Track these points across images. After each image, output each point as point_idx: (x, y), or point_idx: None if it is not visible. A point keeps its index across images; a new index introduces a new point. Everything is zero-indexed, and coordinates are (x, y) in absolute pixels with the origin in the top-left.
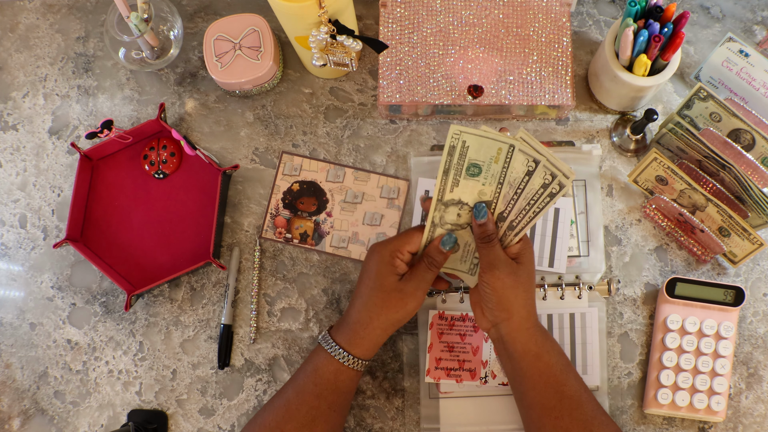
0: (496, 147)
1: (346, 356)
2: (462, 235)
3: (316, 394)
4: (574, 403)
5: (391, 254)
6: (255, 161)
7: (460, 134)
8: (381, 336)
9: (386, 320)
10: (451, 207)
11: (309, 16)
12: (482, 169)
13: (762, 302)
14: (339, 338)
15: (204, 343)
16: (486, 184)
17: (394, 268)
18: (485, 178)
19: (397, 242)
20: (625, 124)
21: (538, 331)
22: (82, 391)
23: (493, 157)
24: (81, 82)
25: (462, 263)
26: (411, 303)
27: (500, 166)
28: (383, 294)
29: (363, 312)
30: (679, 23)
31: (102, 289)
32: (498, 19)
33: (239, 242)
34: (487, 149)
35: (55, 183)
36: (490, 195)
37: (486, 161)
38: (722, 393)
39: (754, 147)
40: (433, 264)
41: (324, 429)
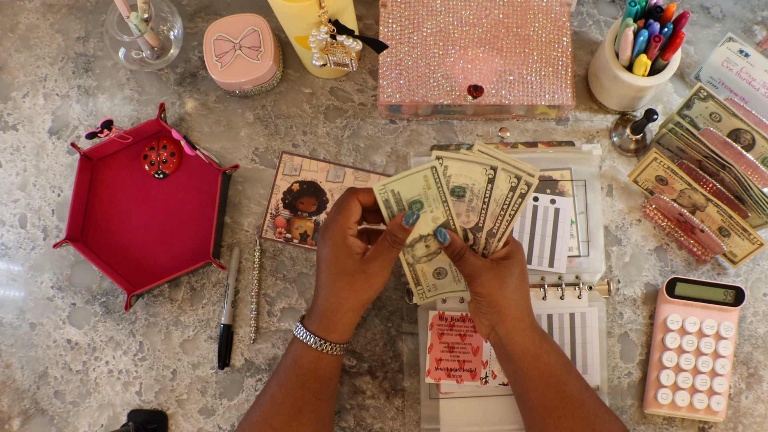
0: (420, 177)
1: (323, 343)
2: (440, 259)
3: (299, 384)
4: (576, 402)
5: (342, 235)
6: (255, 161)
7: (384, 187)
8: (354, 318)
9: (356, 302)
10: (417, 244)
11: (309, 16)
12: (422, 202)
13: (762, 302)
14: (313, 327)
15: (204, 343)
16: (434, 210)
17: (350, 248)
18: (429, 206)
19: (341, 219)
20: (625, 124)
21: (535, 331)
22: (82, 391)
23: (424, 186)
24: (81, 82)
25: (457, 284)
26: (377, 281)
27: (435, 189)
28: (348, 277)
29: (331, 299)
30: (679, 23)
31: (102, 289)
32: (498, 19)
33: (239, 242)
34: (414, 184)
35: (55, 183)
36: (444, 216)
37: (421, 193)
38: (722, 393)
39: (754, 147)
40: (396, 241)
41: (311, 418)
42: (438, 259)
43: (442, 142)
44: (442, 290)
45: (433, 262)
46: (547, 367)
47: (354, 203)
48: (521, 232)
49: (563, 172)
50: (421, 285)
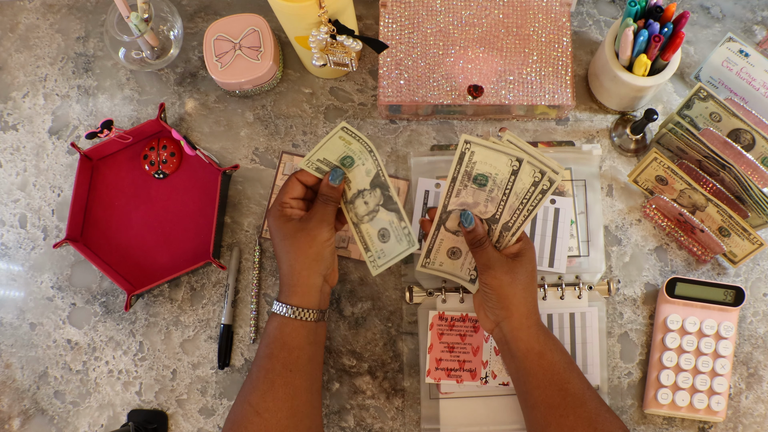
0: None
1: (286, 308)
2: (381, 218)
3: (268, 354)
4: (577, 401)
5: (279, 208)
6: (255, 161)
7: (309, 161)
8: (309, 277)
9: (305, 259)
10: (357, 200)
11: (309, 16)
12: (352, 157)
13: (762, 302)
14: (280, 298)
15: (204, 343)
16: (365, 162)
17: (287, 217)
18: (359, 159)
19: (279, 196)
20: (625, 124)
21: (540, 329)
22: (82, 391)
23: (345, 144)
24: (81, 82)
25: (399, 243)
26: (319, 235)
27: (356, 144)
28: (290, 239)
29: (284, 265)
30: (679, 23)
31: (102, 289)
32: (498, 19)
33: (239, 242)
34: (335, 147)
35: (55, 183)
36: (374, 166)
37: (345, 150)
38: (722, 393)
39: (754, 147)
40: (329, 199)
41: (286, 392)
42: (378, 218)
43: (442, 142)
44: (390, 255)
45: (375, 222)
46: (551, 365)
47: (292, 181)
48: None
49: (563, 172)
50: (370, 250)
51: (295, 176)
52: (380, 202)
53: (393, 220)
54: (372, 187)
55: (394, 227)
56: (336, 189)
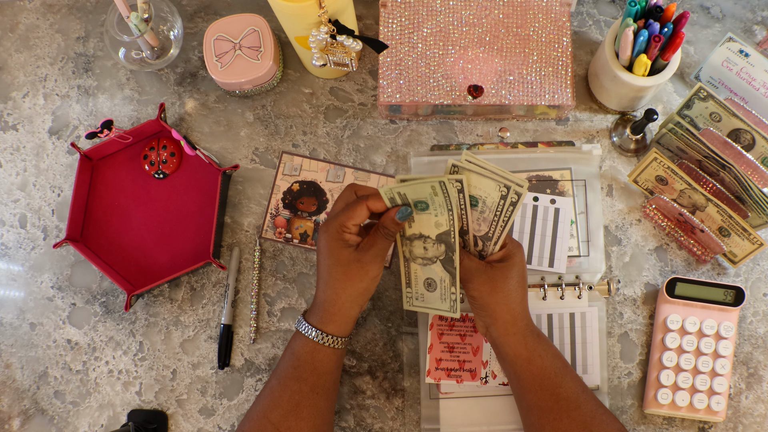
0: (428, 186)
1: (320, 334)
2: (434, 270)
3: (296, 377)
4: (571, 405)
5: (338, 230)
6: (255, 161)
7: (390, 190)
8: (351, 308)
9: (353, 292)
10: (416, 241)
11: (309, 16)
12: (428, 203)
13: (762, 302)
14: (312, 319)
15: (204, 343)
16: (438, 216)
17: (345, 242)
18: (434, 209)
19: (342, 218)
20: (625, 124)
21: (529, 334)
22: (82, 391)
23: (431, 193)
24: (81, 82)
25: (442, 302)
26: (372, 270)
27: (441, 197)
28: (342, 267)
29: (328, 290)
30: (679, 23)
31: (102, 289)
32: (498, 19)
33: (239, 242)
34: (421, 191)
35: (55, 183)
36: (447, 224)
37: (427, 197)
38: (722, 393)
39: (754, 147)
40: (389, 234)
41: (310, 413)
42: (431, 268)
43: (442, 142)
44: (428, 304)
45: (426, 269)
46: (540, 370)
47: (361, 208)
48: (521, 232)
49: (563, 172)
50: (411, 288)
51: (365, 203)
52: (440, 257)
53: (445, 279)
54: (437, 240)
55: (443, 285)
56: (399, 226)
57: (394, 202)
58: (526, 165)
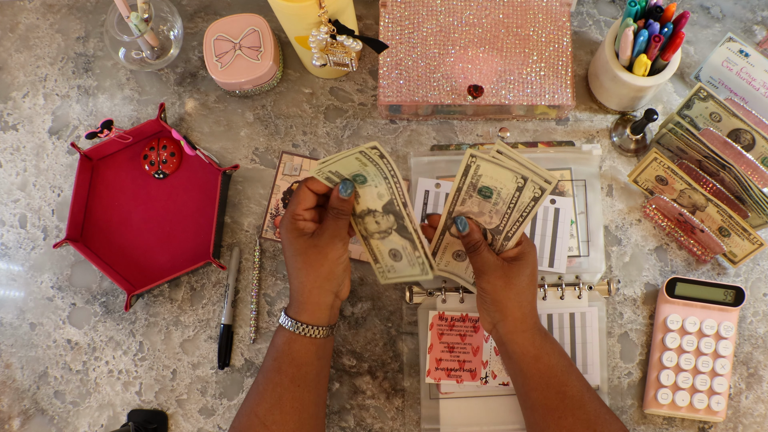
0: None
1: (295, 324)
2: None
3: (276, 368)
4: (576, 403)
5: (291, 220)
6: (255, 161)
7: (320, 170)
8: (320, 295)
9: (316, 277)
10: (366, 217)
11: (309, 16)
12: (364, 176)
13: (762, 302)
14: (289, 311)
15: (204, 343)
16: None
17: (300, 231)
18: (372, 181)
19: (292, 207)
20: (625, 124)
21: (537, 332)
22: (82, 391)
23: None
24: (81, 82)
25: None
26: (331, 252)
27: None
28: (301, 256)
29: (294, 280)
30: (679, 23)
31: (102, 289)
32: (498, 19)
33: (239, 242)
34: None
35: (55, 183)
36: (388, 193)
37: (360, 169)
38: (722, 393)
39: (754, 147)
40: (340, 213)
41: (293, 407)
42: (390, 239)
43: (442, 142)
44: (400, 273)
45: (386, 242)
46: (547, 368)
47: (303, 191)
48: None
49: (563, 172)
50: (380, 263)
51: (305, 185)
52: (393, 227)
53: (406, 246)
54: (385, 211)
55: (407, 252)
56: (347, 201)
57: (332, 181)
58: None
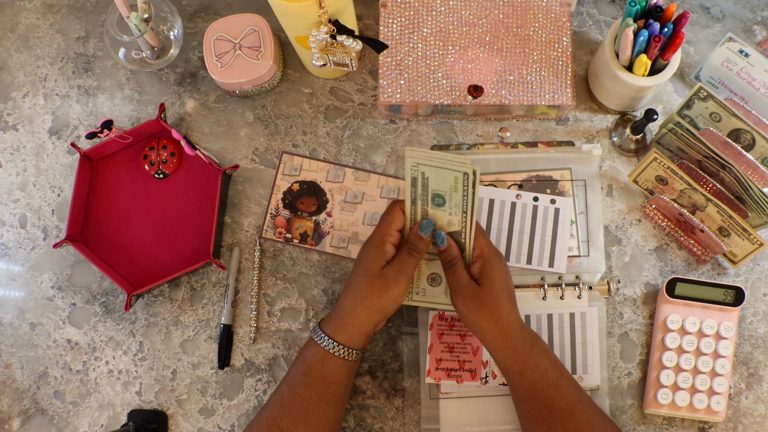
0: (452, 176)
1: (332, 343)
2: (440, 265)
3: (306, 384)
4: (566, 415)
5: (381, 239)
6: (255, 161)
7: (417, 165)
8: (365, 323)
9: (371, 305)
10: None
11: (309, 16)
12: (445, 199)
13: (762, 302)
14: (326, 327)
15: (204, 343)
16: (451, 214)
17: (384, 253)
18: (449, 207)
19: (383, 225)
20: (625, 124)
21: (520, 346)
22: (82, 391)
23: (452, 187)
24: (81, 82)
25: (445, 296)
26: (395, 288)
27: (460, 194)
28: (368, 279)
29: (349, 298)
30: (679, 23)
31: (102, 289)
32: (498, 19)
33: (239, 242)
34: (444, 179)
35: (55, 183)
36: (459, 225)
37: (447, 191)
38: (722, 393)
39: (754, 147)
40: (414, 250)
41: (318, 422)
42: (437, 263)
43: (442, 142)
44: (429, 299)
45: (432, 264)
46: (532, 383)
47: (397, 211)
48: (521, 232)
49: (563, 172)
50: (413, 283)
51: (398, 205)
52: None
53: None
54: None
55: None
56: (424, 240)
57: (415, 183)
58: (526, 165)
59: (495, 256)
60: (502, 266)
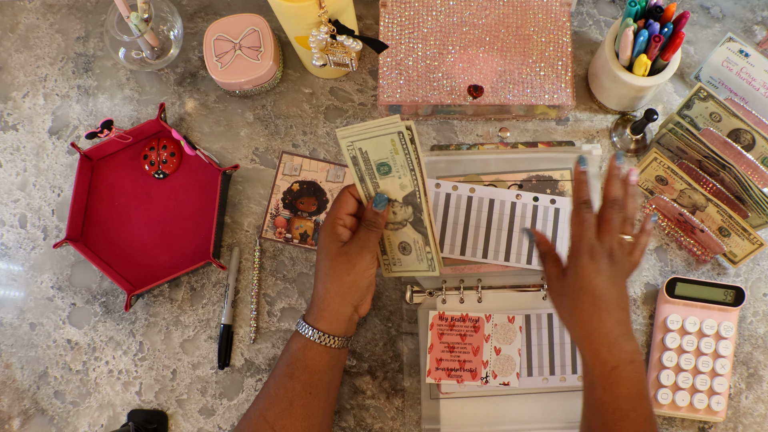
0: (388, 140)
1: (312, 331)
2: (406, 233)
3: (289, 374)
4: None
5: (332, 224)
6: (255, 161)
7: (351, 144)
8: (341, 305)
9: (340, 286)
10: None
11: (309, 16)
12: (390, 165)
13: (762, 302)
14: (307, 318)
15: (204, 343)
16: (401, 177)
17: (338, 236)
18: (396, 171)
19: (333, 211)
20: (625, 124)
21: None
22: (82, 391)
23: (392, 150)
24: (81, 82)
25: (419, 263)
26: (359, 264)
27: (402, 155)
28: (330, 262)
29: (319, 285)
30: (679, 23)
31: (102, 289)
32: (498, 19)
33: (239, 242)
34: (381, 146)
35: (55, 183)
36: (411, 185)
37: (389, 157)
38: (722, 393)
39: (754, 147)
40: (372, 225)
41: (303, 413)
42: (403, 232)
43: (442, 142)
44: (407, 267)
45: (398, 233)
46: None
47: (345, 196)
48: (521, 232)
49: (563, 172)
50: (387, 255)
51: (347, 190)
52: (409, 219)
53: (418, 240)
54: (404, 202)
55: (417, 247)
56: (380, 215)
57: (356, 161)
58: (526, 165)
59: (585, 253)
60: (592, 265)
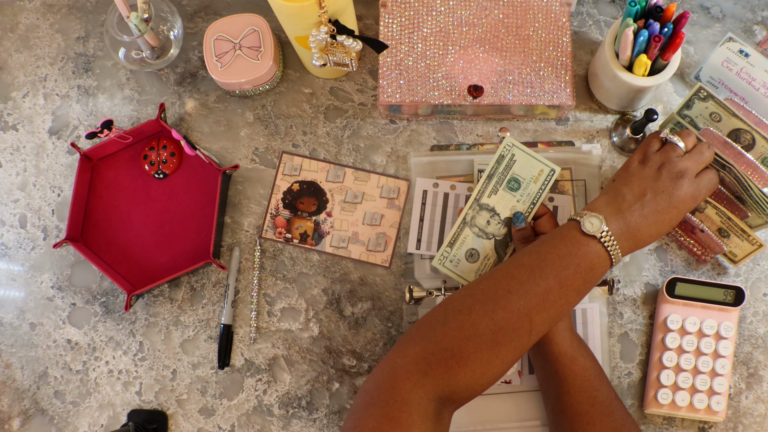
0: (538, 168)
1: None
2: (485, 245)
3: (578, 290)
4: (605, 410)
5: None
6: (255, 161)
7: (512, 145)
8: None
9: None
10: (484, 211)
11: (309, 16)
12: (521, 185)
13: (762, 302)
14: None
15: (204, 343)
16: (520, 200)
17: None
18: (521, 194)
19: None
20: (625, 124)
21: (573, 334)
22: (82, 391)
23: (533, 177)
24: (81, 82)
25: (473, 275)
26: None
27: (537, 187)
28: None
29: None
30: (679, 23)
31: (102, 289)
32: (498, 19)
33: (239, 242)
34: (529, 168)
35: (55, 183)
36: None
37: (526, 179)
38: (722, 393)
39: (754, 147)
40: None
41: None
42: (483, 242)
43: (442, 142)
44: (458, 271)
45: (476, 241)
46: (582, 371)
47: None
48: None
49: (563, 172)
50: (451, 249)
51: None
52: (498, 237)
53: (490, 257)
54: (504, 222)
55: (485, 262)
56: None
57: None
58: None
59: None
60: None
